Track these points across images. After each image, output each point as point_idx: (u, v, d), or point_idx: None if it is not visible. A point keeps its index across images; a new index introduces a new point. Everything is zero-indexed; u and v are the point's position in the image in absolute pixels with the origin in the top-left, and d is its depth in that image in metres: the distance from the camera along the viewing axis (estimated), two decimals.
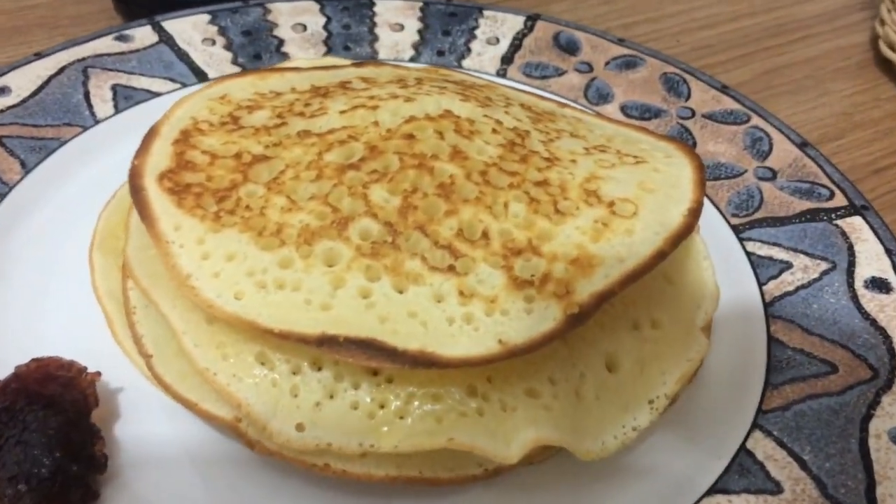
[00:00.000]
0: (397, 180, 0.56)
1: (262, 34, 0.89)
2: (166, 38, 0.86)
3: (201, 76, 0.83)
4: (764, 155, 0.78)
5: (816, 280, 0.67)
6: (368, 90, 0.65)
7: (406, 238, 0.53)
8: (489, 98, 0.67)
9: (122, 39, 0.85)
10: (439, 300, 0.51)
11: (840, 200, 0.73)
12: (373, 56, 0.89)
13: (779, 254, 0.70)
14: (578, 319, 0.50)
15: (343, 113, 0.61)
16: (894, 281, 0.66)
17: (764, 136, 0.80)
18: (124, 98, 0.79)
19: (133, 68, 0.83)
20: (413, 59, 0.89)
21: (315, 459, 0.52)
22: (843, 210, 0.72)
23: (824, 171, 0.76)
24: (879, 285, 0.66)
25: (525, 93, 0.74)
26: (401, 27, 0.92)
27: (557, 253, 0.53)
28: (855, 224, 0.71)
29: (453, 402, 0.51)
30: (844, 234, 0.70)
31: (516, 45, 0.91)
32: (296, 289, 0.51)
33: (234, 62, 0.85)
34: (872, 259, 0.68)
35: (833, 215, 0.72)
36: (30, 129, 0.74)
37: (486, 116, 0.63)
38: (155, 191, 0.56)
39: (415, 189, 0.55)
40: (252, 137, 0.60)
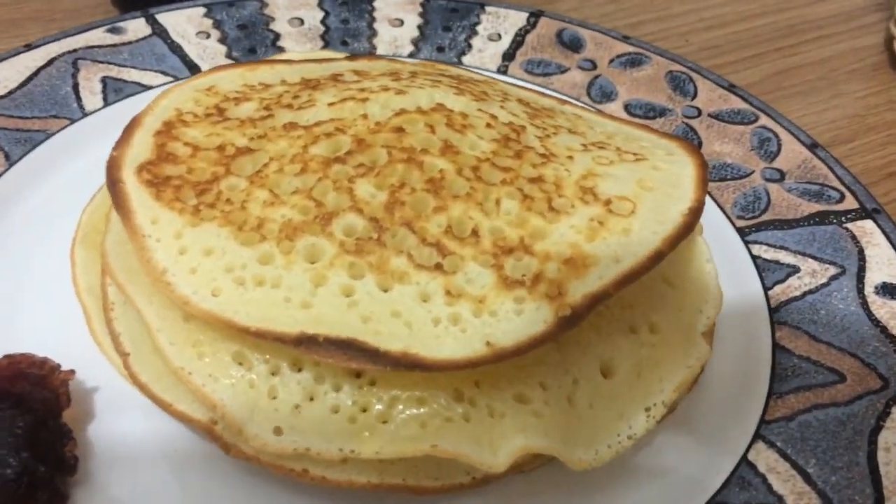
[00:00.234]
0: (385, 175, 0.54)
1: (258, 28, 0.87)
2: (160, 31, 0.84)
3: (194, 70, 0.81)
4: (772, 156, 0.76)
5: (825, 285, 0.65)
6: (359, 83, 0.63)
7: (392, 235, 0.51)
8: (485, 93, 0.64)
9: (115, 32, 0.83)
10: (425, 300, 0.49)
11: (851, 203, 0.71)
12: (371, 52, 0.87)
13: (786, 257, 0.67)
14: (570, 322, 0.48)
15: (331, 105, 0.59)
16: None
17: (772, 137, 0.77)
18: (114, 91, 0.78)
19: (124, 61, 0.81)
20: (412, 55, 0.86)
21: (293, 465, 0.50)
22: (854, 213, 0.70)
23: (835, 173, 0.73)
24: (891, 291, 0.63)
25: (525, 89, 0.72)
26: (400, 22, 0.90)
27: (550, 252, 0.51)
28: (866, 228, 0.68)
29: (438, 407, 0.49)
30: (855, 238, 0.68)
31: (518, 42, 0.88)
32: (275, 286, 0.49)
33: (229, 56, 0.84)
34: (884, 264, 0.65)
35: (843, 218, 0.69)
36: (15, 121, 0.73)
37: (481, 111, 0.60)
38: (133, 183, 0.54)
39: (402, 184, 0.53)
40: (237, 129, 0.58)
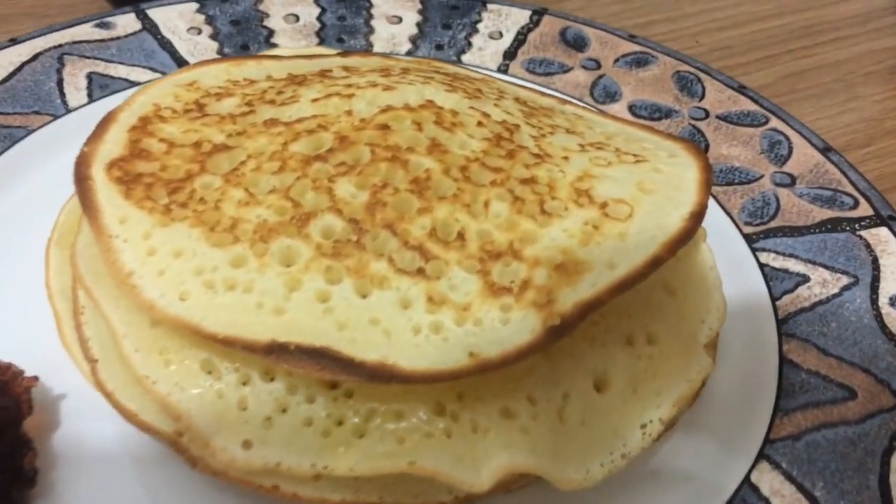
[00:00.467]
0: (367, 174, 0.51)
1: (252, 24, 0.84)
2: (150, 27, 0.82)
3: (183, 66, 0.78)
4: (782, 159, 0.72)
5: (836, 296, 0.61)
6: (347, 78, 0.60)
7: (372, 237, 0.48)
8: (480, 90, 0.61)
9: (104, 27, 0.81)
10: (405, 307, 0.46)
11: (865, 210, 0.67)
12: (367, 49, 0.84)
13: (795, 266, 0.64)
14: (559, 332, 0.45)
15: (315, 101, 0.56)
16: None
17: (783, 140, 0.74)
18: (100, 87, 0.75)
19: (112, 56, 0.78)
20: (410, 53, 0.84)
21: (263, 480, 0.47)
22: (868, 220, 0.66)
23: (848, 178, 0.70)
24: None
25: (526, 88, 0.69)
26: (399, 20, 0.87)
27: (541, 257, 0.48)
28: (881, 235, 0.65)
29: (418, 422, 0.46)
30: (869, 247, 0.64)
31: (520, 40, 0.85)
32: (247, 290, 0.46)
33: (220, 52, 0.81)
34: None
35: (857, 226, 0.66)
36: None
37: (473, 108, 0.57)
38: (102, 180, 0.51)
39: (385, 184, 0.50)
40: (215, 126, 0.55)
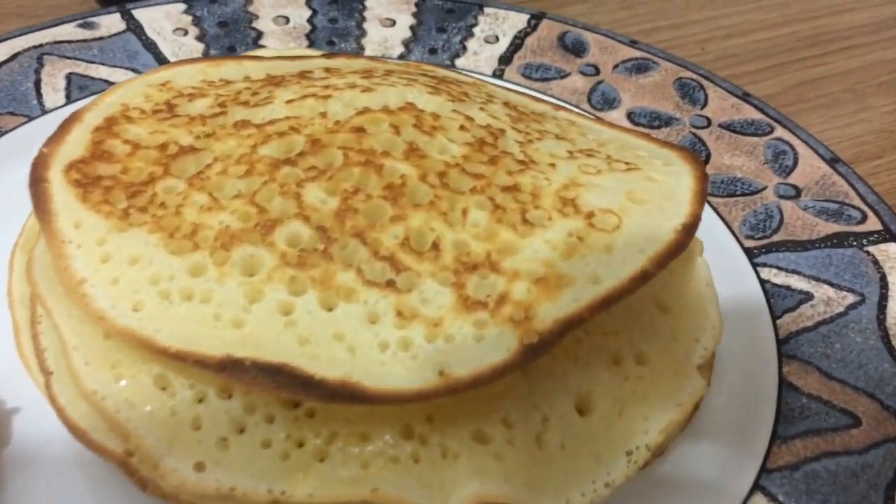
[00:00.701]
0: (338, 179, 0.48)
1: (240, 25, 0.82)
2: (134, 27, 0.79)
3: None
4: (787, 170, 0.69)
5: (841, 315, 0.58)
6: (326, 80, 0.57)
7: (341, 246, 0.45)
8: (466, 94, 0.58)
9: (87, 27, 0.78)
10: (373, 321, 0.43)
11: (873, 224, 0.64)
12: (358, 53, 0.81)
13: (798, 283, 0.60)
14: (537, 350, 0.42)
15: (290, 102, 0.54)
16: None
17: (788, 150, 0.70)
18: (78, 88, 0.73)
19: (93, 57, 0.76)
20: (402, 57, 0.81)
21: None
22: (877, 235, 0.63)
23: (856, 191, 0.66)
24: None
25: (519, 93, 0.66)
26: (392, 22, 0.84)
27: (520, 270, 0.45)
28: (889, 251, 0.61)
29: (383, 445, 0.43)
30: (877, 263, 0.61)
31: (517, 45, 0.82)
32: (205, 301, 0.43)
33: (206, 54, 0.78)
34: None
35: (864, 241, 0.62)
36: None
37: (456, 112, 0.54)
38: (59, 182, 0.48)
39: (357, 190, 0.47)
40: (184, 127, 0.52)
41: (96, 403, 0.43)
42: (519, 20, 0.85)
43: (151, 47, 0.78)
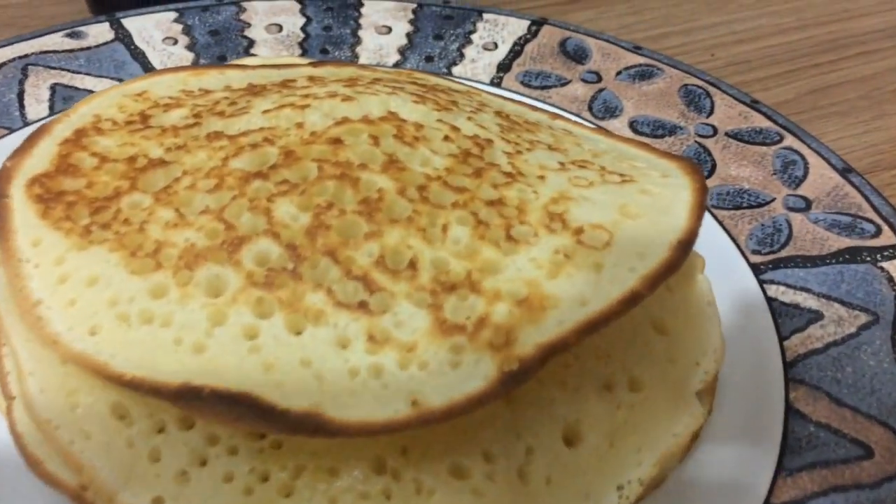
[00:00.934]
0: (310, 193, 0.45)
1: (232, 34, 0.80)
2: (123, 36, 0.77)
3: None
4: (797, 181, 0.65)
5: (853, 336, 0.54)
6: (308, 88, 0.55)
7: (311, 265, 0.42)
8: (455, 102, 0.56)
9: (74, 36, 0.77)
10: (343, 346, 0.40)
11: (888, 238, 0.60)
12: (352, 61, 0.79)
13: (807, 301, 0.57)
14: (517, 379, 0.39)
15: (266, 113, 0.51)
16: None
17: (798, 160, 0.67)
18: (63, 99, 0.71)
19: (79, 67, 0.74)
20: (398, 65, 0.78)
21: None
22: (892, 250, 0.59)
23: (870, 203, 0.63)
24: None
25: (515, 102, 0.63)
26: (388, 30, 0.82)
27: (502, 290, 0.42)
28: None
29: (353, 480, 0.40)
30: (892, 280, 0.57)
31: (516, 52, 0.79)
32: (165, 324, 0.41)
33: (195, 64, 0.76)
34: None
35: (878, 256, 0.59)
36: None
37: (441, 122, 0.52)
38: (20, 198, 0.46)
39: (330, 205, 0.44)
40: (155, 139, 0.50)
41: (49, 433, 0.41)
42: (519, 26, 0.82)
43: (139, 57, 0.76)
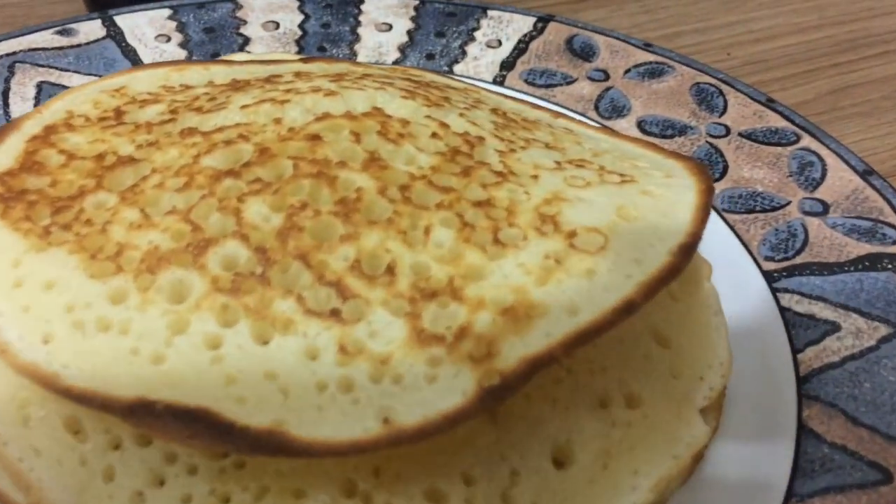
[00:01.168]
0: (284, 193, 0.42)
1: (227, 31, 0.77)
2: (115, 34, 0.75)
3: None
4: (814, 184, 0.62)
5: (872, 349, 0.50)
6: (292, 83, 0.52)
7: (281, 269, 0.39)
8: (447, 98, 0.53)
9: (65, 33, 0.74)
10: (312, 357, 0.37)
11: None
12: (351, 58, 0.76)
13: (823, 311, 0.53)
14: (497, 395, 0.35)
15: (244, 108, 0.48)
16: None
17: (816, 161, 0.63)
18: (49, 97, 0.68)
19: (68, 65, 0.72)
20: (397, 63, 0.75)
21: None
22: None
23: (892, 207, 0.59)
24: None
25: (516, 100, 0.60)
26: (388, 27, 0.79)
27: (486, 298, 0.38)
28: None
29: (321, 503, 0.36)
30: None
31: (521, 49, 0.76)
32: (123, 332, 0.38)
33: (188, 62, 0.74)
34: None
35: None
36: None
37: (429, 118, 0.49)
38: None
39: (304, 205, 0.42)
40: (127, 136, 0.47)
41: None
42: (525, 23, 0.79)
43: (130, 54, 0.74)
